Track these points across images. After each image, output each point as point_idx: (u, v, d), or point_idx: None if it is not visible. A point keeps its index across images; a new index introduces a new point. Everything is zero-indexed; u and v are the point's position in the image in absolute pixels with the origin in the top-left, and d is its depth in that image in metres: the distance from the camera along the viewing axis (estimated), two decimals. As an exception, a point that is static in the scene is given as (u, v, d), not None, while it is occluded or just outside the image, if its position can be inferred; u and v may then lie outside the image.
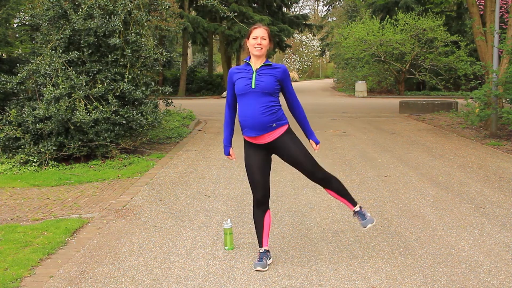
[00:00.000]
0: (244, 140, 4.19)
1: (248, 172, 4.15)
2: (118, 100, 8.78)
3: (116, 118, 8.58)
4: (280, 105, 4.09)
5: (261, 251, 4.20)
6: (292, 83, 4.25)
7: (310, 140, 4.27)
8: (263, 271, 4.06)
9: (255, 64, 4.06)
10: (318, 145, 4.29)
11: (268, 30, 4.09)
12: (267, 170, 4.15)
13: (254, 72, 4.01)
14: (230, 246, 4.55)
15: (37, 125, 8.23)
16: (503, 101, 12.37)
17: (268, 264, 4.15)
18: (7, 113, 8.68)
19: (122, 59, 8.98)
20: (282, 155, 4.12)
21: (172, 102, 11.36)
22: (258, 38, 4.00)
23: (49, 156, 8.35)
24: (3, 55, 13.17)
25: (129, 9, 9.10)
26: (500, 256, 4.31)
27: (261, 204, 4.15)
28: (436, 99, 22.65)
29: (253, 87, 3.97)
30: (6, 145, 8.54)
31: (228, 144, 4.33)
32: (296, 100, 4.20)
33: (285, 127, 4.06)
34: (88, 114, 8.28)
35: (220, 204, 6.09)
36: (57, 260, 4.38)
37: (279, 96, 4.12)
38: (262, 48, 4.00)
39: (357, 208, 4.24)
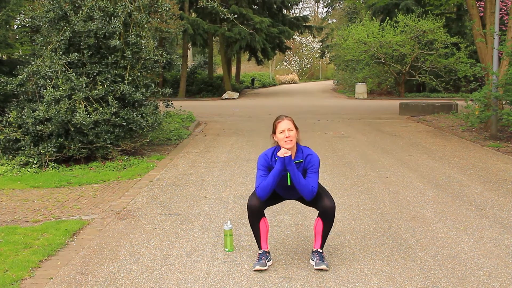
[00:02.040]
0: None
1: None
2: (118, 102, 8.79)
3: (116, 119, 8.58)
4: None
5: (260, 252, 4.21)
6: (293, 84, 4.23)
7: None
8: (262, 269, 4.05)
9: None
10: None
11: (292, 119, 4.11)
12: (274, 202, 4.36)
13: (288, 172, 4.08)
14: (230, 248, 4.55)
15: (37, 126, 8.24)
16: (503, 102, 12.37)
17: (268, 265, 4.15)
18: (7, 115, 8.68)
19: (122, 61, 8.99)
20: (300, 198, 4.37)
21: (172, 103, 11.36)
22: (285, 131, 4.01)
23: (49, 158, 8.35)
24: (3, 56, 13.18)
25: (129, 10, 9.11)
26: (500, 257, 4.31)
27: (252, 212, 4.14)
28: (436, 100, 22.63)
29: (289, 184, 4.15)
30: (6, 146, 8.54)
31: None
32: (312, 187, 4.04)
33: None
34: (88, 115, 8.28)
35: (220, 205, 6.08)
36: (57, 262, 4.37)
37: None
38: (292, 140, 4.02)
39: (320, 250, 4.19)
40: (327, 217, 4.11)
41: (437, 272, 4.01)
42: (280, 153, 3.97)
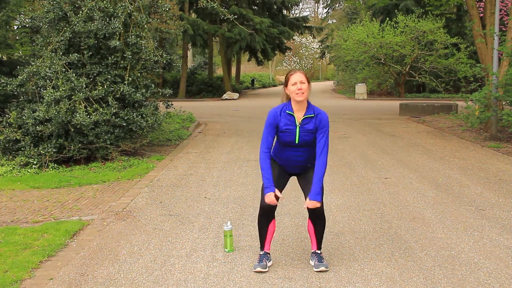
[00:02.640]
0: (273, 160, 4.27)
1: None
2: (118, 102, 8.79)
3: (116, 120, 8.58)
4: None
5: (261, 253, 4.21)
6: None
7: (307, 198, 4.02)
8: (263, 271, 4.06)
9: (298, 112, 4.05)
10: (312, 202, 3.97)
11: (304, 73, 4.09)
12: (282, 185, 4.26)
13: (298, 127, 4.03)
14: (230, 248, 4.55)
15: (37, 127, 8.24)
16: (503, 103, 12.37)
17: (268, 266, 4.15)
18: (7, 115, 8.68)
19: (122, 61, 8.99)
20: (299, 177, 4.30)
21: (172, 104, 11.36)
22: (297, 83, 3.99)
23: (49, 158, 8.35)
24: (4, 57, 13.18)
25: (129, 11, 9.11)
26: (500, 258, 4.31)
27: (266, 212, 4.14)
28: (436, 101, 22.64)
29: (296, 142, 4.06)
30: (6, 147, 8.54)
31: (272, 184, 4.00)
32: (324, 148, 4.08)
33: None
34: (88, 116, 8.28)
35: (220, 206, 6.08)
36: (57, 262, 4.37)
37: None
38: (303, 93, 3.99)
39: (318, 251, 4.18)
40: (315, 216, 4.11)
41: (437, 273, 4.01)
42: (267, 199, 3.95)
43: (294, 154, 4.13)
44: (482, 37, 12.95)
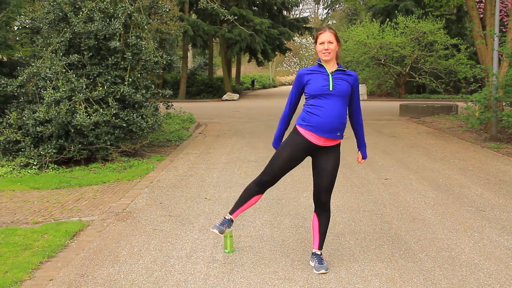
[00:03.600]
0: (296, 130, 4.06)
1: (275, 155, 4.11)
2: (119, 103, 8.79)
3: (116, 121, 8.58)
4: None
5: (226, 217, 4.28)
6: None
7: (360, 151, 4.33)
8: (218, 235, 4.17)
9: (328, 67, 4.00)
10: (363, 160, 4.36)
11: (335, 32, 4.00)
12: (291, 167, 4.11)
13: (330, 75, 3.95)
14: (230, 249, 4.55)
15: (37, 128, 8.24)
16: (503, 104, 12.38)
17: (226, 231, 4.26)
18: (7, 116, 8.68)
19: (122, 62, 8.99)
20: (316, 162, 4.09)
21: (172, 105, 11.36)
22: (325, 43, 3.93)
23: (49, 159, 8.35)
24: (4, 58, 13.18)
25: (129, 12, 9.11)
26: (500, 259, 4.31)
27: (260, 185, 4.16)
28: (436, 102, 22.64)
29: (330, 89, 3.91)
30: (6, 148, 8.54)
31: (280, 139, 4.23)
32: (358, 106, 4.16)
33: (339, 141, 4.08)
34: (88, 117, 8.28)
35: (221, 207, 6.08)
36: (57, 263, 4.37)
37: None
38: (330, 53, 3.94)
39: (318, 252, 4.17)
40: (321, 209, 4.11)
41: (437, 274, 4.01)
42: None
43: (329, 107, 3.90)
44: (482, 38, 12.95)
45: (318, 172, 4.07)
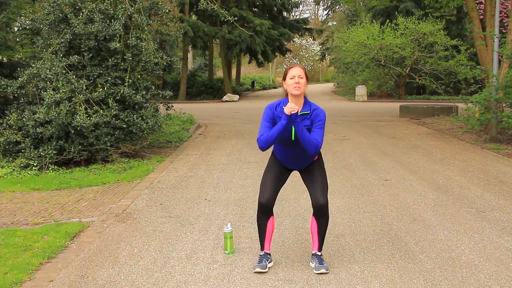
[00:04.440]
0: (274, 154, 4.31)
1: (264, 173, 4.24)
2: (119, 104, 8.79)
3: (117, 122, 8.58)
4: None
5: (261, 253, 4.21)
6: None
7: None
8: (262, 272, 4.06)
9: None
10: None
11: (304, 68, 4.10)
12: (282, 181, 4.29)
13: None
14: (230, 250, 4.54)
15: (38, 129, 8.24)
16: (503, 105, 12.38)
17: (269, 267, 4.15)
18: (7, 117, 8.68)
19: (122, 63, 8.99)
20: (303, 175, 4.30)
21: (172, 106, 11.36)
22: (295, 77, 3.99)
23: (49, 160, 8.35)
24: (4, 59, 13.17)
25: (129, 13, 9.12)
26: (500, 260, 4.30)
27: (264, 209, 4.15)
28: (436, 103, 22.64)
29: (292, 139, 4.06)
30: (6, 149, 8.54)
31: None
32: (317, 140, 3.96)
33: (316, 157, 4.21)
34: (89, 118, 8.28)
35: (221, 208, 6.08)
36: (57, 264, 4.37)
37: None
38: (300, 87, 3.99)
39: (319, 253, 4.18)
40: (319, 214, 4.11)
41: (437, 275, 4.01)
42: (286, 109, 3.86)
43: (293, 152, 4.12)
44: (482, 39, 12.95)
45: (308, 181, 4.23)
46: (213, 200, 6.44)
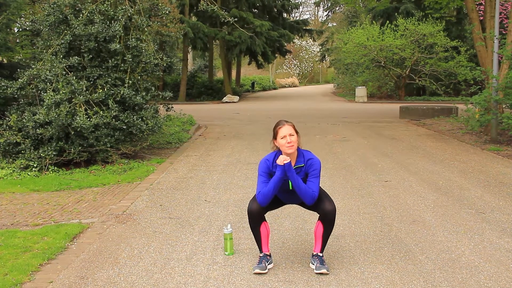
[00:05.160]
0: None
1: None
2: (119, 105, 8.79)
3: (117, 123, 8.58)
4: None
5: (261, 255, 4.22)
6: (293, 88, 4.23)
7: None
8: (262, 273, 4.06)
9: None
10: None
11: (292, 124, 4.12)
12: (277, 206, 4.39)
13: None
14: (230, 252, 4.54)
15: (38, 130, 8.24)
16: (503, 106, 12.37)
17: (268, 268, 4.15)
18: (7, 118, 8.68)
19: (122, 64, 9.00)
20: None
21: (172, 107, 11.36)
22: (287, 137, 4.01)
23: (49, 161, 8.35)
24: (4, 60, 13.19)
25: (129, 14, 9.12)
26: (500, 261, 4.30)
27: (252, 216, 4.14)
28: (436, 104, 22.65)
29: (290, 188, 4.14)
30: (6, 150, 8.54)
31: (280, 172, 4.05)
32: (313, 190, 4.02)
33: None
34: (89, 119, 8.28)
35: (220, 209, 6.08)
36: (57, 266, 4.37)
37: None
38: (293, 145, 4.02)
39: (320, 254, 4.19)
40: (327, 220, 4.11)
41: (437, 276, 4.01)
42: (279, 161, 3.94)
43: (291, 198, 4.26)
44: (482, 40, 12.96)
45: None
46: (213, 201, 6.44)
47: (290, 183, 4.10)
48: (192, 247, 4.77)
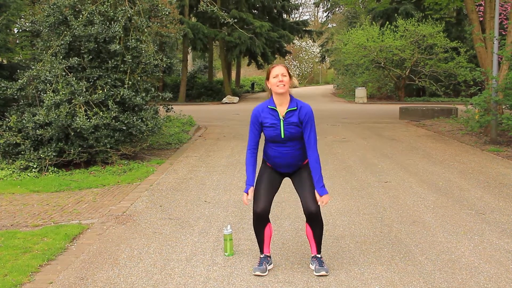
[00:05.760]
0: (264, 161, 4.31)
1: (256, 186, 4.20)
2: (118, 106, 8.79)
3: (116, 124, 8.58)
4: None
5: (261, 256, 4.21)
6: (293, 89, 4.24)
7: (315, 190, 4.07)
8: (262, 275, 4.06)
9: (281, 106, 4.06)
10: (323, 199, 4.05)
11: (286, 66, 4.12)
12: (275, 188, 4.25)
13: (282, 121, 4.03)
14: (230, 252, 4.54)
15: (37, 131, 8.24)
16: (503, 107, 12.38)
17: (268, 270, 4.15)
18: (7, 119, 8.68)
19: (122, 65, 9.00)
20: (294, 180, 4.26)
21: (172, 108, 11.36)
22: (279, 76, 4.00)
23: (49, 162, 8.35)
24: (4, 61, 13.19)
25: (129, 15, 9.13)
26: (500, 262, 4.30)
27: (260, 218, 4.13)
28: (436, 105, 22.66)
29: (282, 136, 4.06)
30: (6, 151, 8.54)
31: (251, 184, 4.18)
32: (313, 142, 4.06)
33: (306, 161, 4.19)
34: (88, 120, 8.28)
35: (220, 210, 6.08)
36: (57, 266, 4.37)
37: None
38: (284, 85, 4.00)
39: (319, 255, 4.16)
40: (311, 221, 4.08)
41: (437, 277, 4.01)
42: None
43: (283, 151, 4.10)
44: (481, 41, 12.97)
45: (299, 187, 4.18)
46: (213, 202, 6.44)
47: (282, 130, 4.03)
48: (192, 248, 4.77)
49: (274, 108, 4.06)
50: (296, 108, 4.06)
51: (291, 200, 6.42)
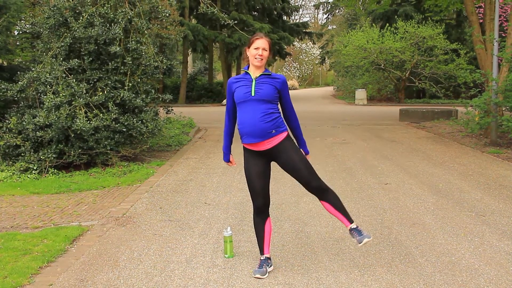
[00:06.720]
0: (244, 148, 4.23)
1: (247, 180, 4.19)
2: (119, 108, 8.79)
3: (116, 125, 8.58)
4: (280, 113, 4.10)
5: (261, 258, 4.21)
6: (293, 90, 4.27)
7: (301, 149, 4.23)
8: (262, 278, 4.05)
9: (254, 73, 4.07)
10: (307, 155, 4.23)
11: (270, 41, 4.10)
12: (267, 177, 4.16)
13: (254, 81, 4.03)
14: (230, 254, 4.54)
15: (37, 132, 8.24)
16: (503, 109, 12.39)
17: (268, 272, 4.15)
18: (7, 121, 8.68)
19: (122, 67, 9.00)
20: (280, 162, 4.11)
21: (172, 109, 11.36)
22: (259, 49, 4.00)
23: (49, 164, 8.35)
24: (4, 62, 13.19)
25: (129, 17, 9.13)
26: (501, 264, 4.30)
27: (261, 212, 4.15)
28: (436, 107, 22.67)
29: (252, 94, 3.99)
30: (6, 152, 8.54)
31: (228, 152, 4.44)
32: (292, 109, 4.19)
33: (284, 134, 4.07)
34: (88, 121, 8.28)
35: (220, 211, 6.08)
36: (57, 268, 4.37)
37: (278, 104, 4.11)
38: (262, 59, 4.01)
39: (353, 226, 4.11)
40: (322, 194, 4.10)
41: (437, 279, 4.01)
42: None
43: (252, 116, 3.96)
44: (481, 43, 12.97)
45: (291, 170, 4.08)
46: (213, 204, 6.44)
47: (253, 88, 3.98)
48: (192, 249, 4.77)
49: (248, 71, 4.09)
50: (269, 73, 4.08)
51: (291, 201, 6.42)
